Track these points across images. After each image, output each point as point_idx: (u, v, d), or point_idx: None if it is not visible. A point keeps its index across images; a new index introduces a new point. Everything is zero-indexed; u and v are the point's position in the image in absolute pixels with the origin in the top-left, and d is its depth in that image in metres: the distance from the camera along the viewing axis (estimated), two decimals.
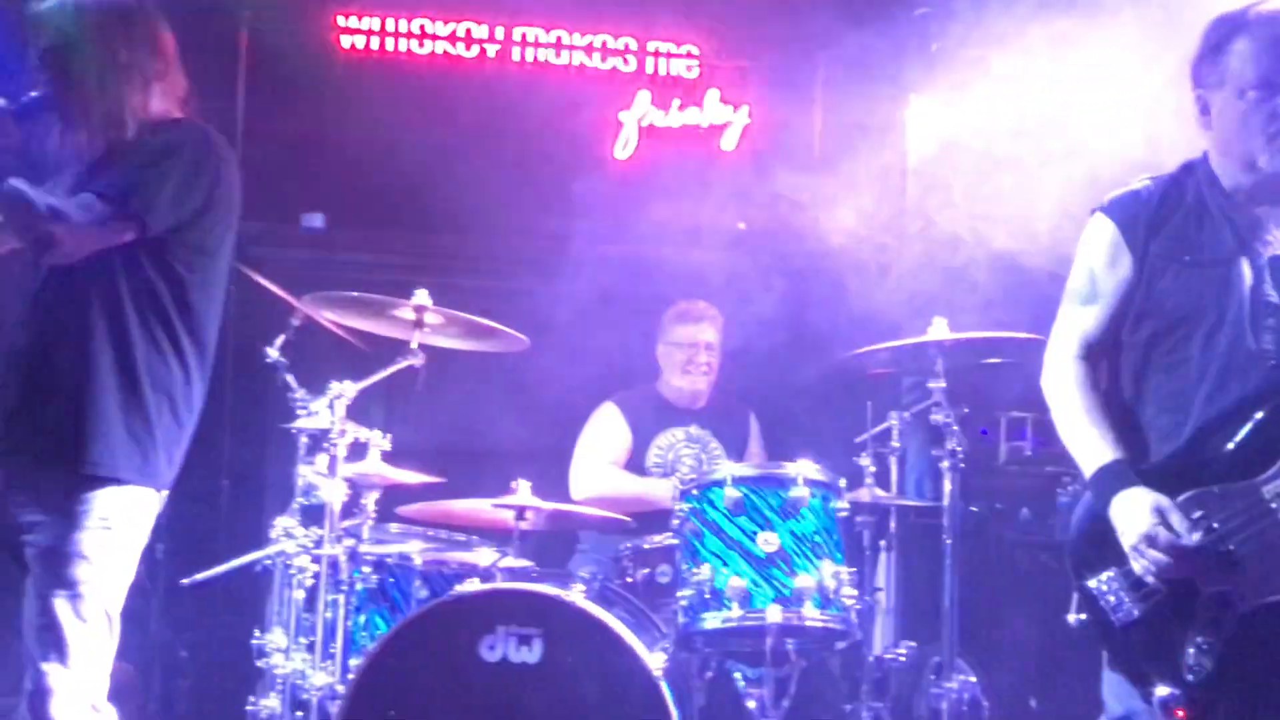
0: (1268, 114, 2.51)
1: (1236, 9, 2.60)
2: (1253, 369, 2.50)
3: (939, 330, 4.19)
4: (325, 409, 3.91)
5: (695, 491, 3.74)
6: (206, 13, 5.27)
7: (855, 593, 3.67)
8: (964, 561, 4.22)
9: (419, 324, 3.90)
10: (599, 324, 5.18)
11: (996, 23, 5.54)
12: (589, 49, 5.89)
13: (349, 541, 3.89)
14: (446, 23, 5.79)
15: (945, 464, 4.10)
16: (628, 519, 4.16)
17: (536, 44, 5.85)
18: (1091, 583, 2.53)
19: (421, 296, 3.90)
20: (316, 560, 3.86)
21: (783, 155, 5.83)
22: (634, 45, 5.93)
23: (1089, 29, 5.13)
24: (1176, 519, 2.42)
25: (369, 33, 5.74)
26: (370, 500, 4.06)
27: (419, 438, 4.52)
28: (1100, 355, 2.70)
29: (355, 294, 3.94)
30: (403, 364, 3.89)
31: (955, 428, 4.13)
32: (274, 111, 5.56)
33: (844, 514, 3.79)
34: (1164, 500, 2.45)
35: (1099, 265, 2.67)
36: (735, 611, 3.53)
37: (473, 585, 3.69)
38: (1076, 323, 2.69)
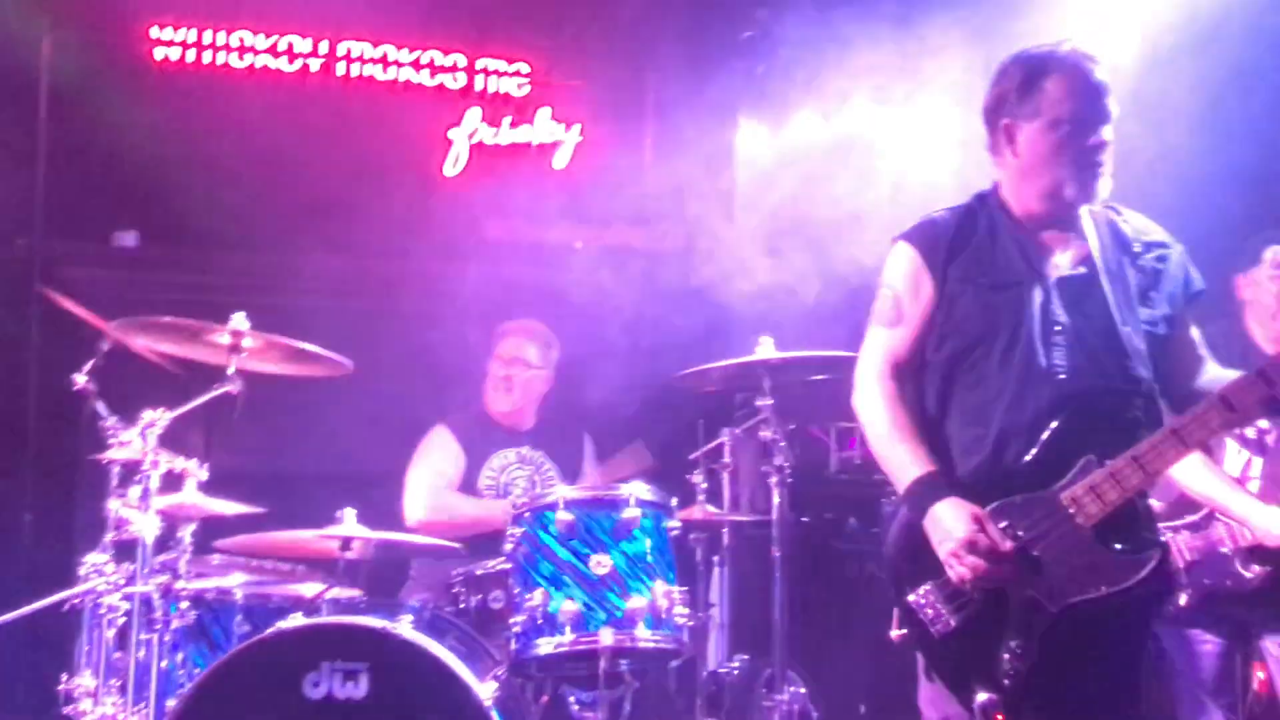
0: (1079, 148, 2.69)
1: (1042, 48, 2.77)
2: (1045, 384, 2.64)
3: (766, 349, 4.28)
4: (138, 438, 3.72)
5: (528, 516, 3.69)
6: (3, 21, 5.01)
7: (687, 611, 3.69)
8: (794, 573, 4.30)
9: (236, 349, 3.75)
10: (430, 344, 5.09)
11: (822, 48, 5.71)
12: (416, 65, 5.80)
13: (163, 577, 3.69)
14: (267, 35, 5.61)
15: (773, 479, 4.19)
16: (458, 545, 4.08)
17: (362, 59, 5.72)
18: (910, 597, 2.63)
19: (238, 320, 3.75)
20: (129, 598, 3.66)
21: (615, 174, 5.85)
22: (463, 62, 5.86)
23: (912, 59, 5.35)
24: (988, 526, 2.54)
25: (184, 44, 5.53)
26: (187, 533, 3.87)
27: (241, 466, 4.35)
28: (907, 374, 2.81)
29: (168, 318, 3.76)
30: (219, 391, 3.73)
31: (783, 443, 4.23)
32: (81, 125, 5.29)
33: (676, 533, 3.80)
34: (975, 508, 2.56)
35: (902, 289, 2.80)
36: (568, 636, 3.49)
37: (295, 620, 3.55)
38: (883, 344, 2.81)
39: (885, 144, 5.57)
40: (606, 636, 3.48)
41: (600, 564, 3.56)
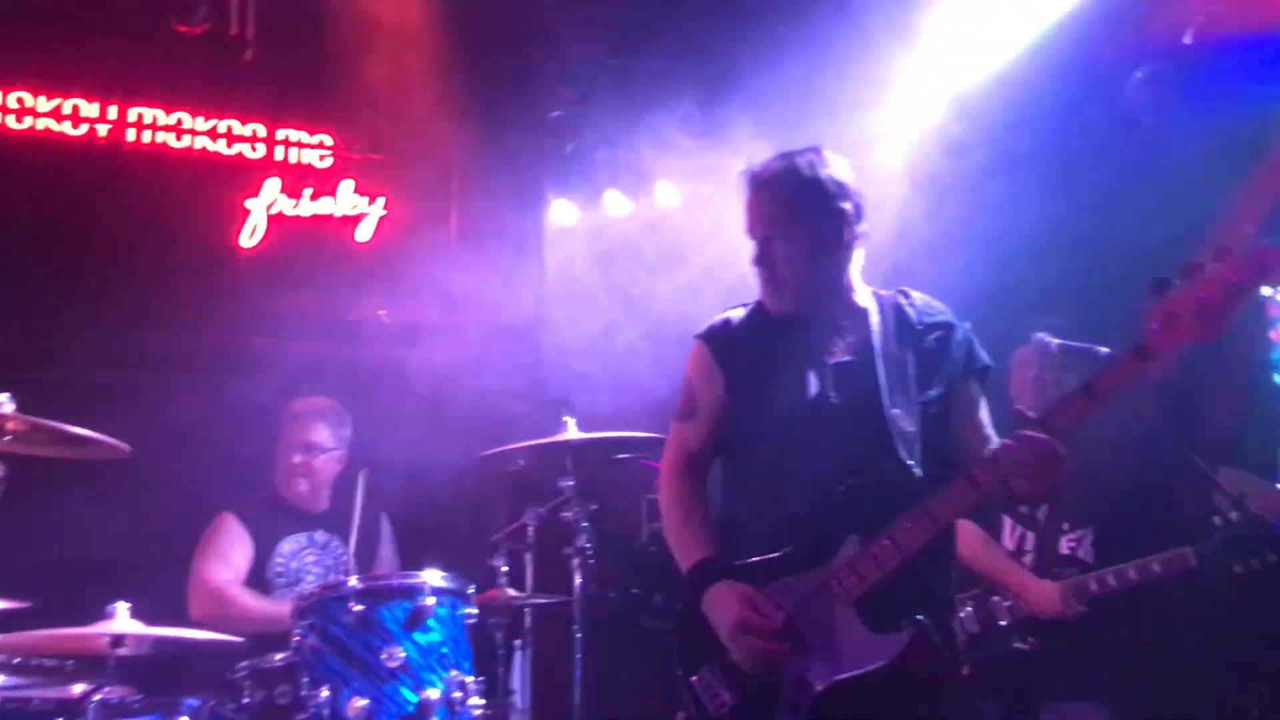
0: (755, 262, 2.87)
1: (756, 165, 2.93)
2: (817, 469, 2.74)
3: (570, 430, 4.27)
4: None
5: (316, 607, 3.54)
6: None
7: (483, 701, 3.59)
8: (598, 652, 4.26)
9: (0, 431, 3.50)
10: (220, 422, 4.87)
11: (627, 128, 5.82)
12: (213, 134, 5.61)
13: None
14: (50, 97, 5.33)
15: (575, 560, 4.17)
16: (239, 639, 3.87)
17: (155, 126, 5.49)
18: (693, 678, 2.70)
19: (3, 402, 3.50)
20: None
21: (420, 249, 5.78)
22: (263, 132, 5.70)
23: (713, 142, 5.50)
24: (760, 604, 2.63)
25: None
26: None
27: (7, 557, 4.04)
28: (703, 465, 2.93)
29: None
30: None
31: (584, 524, 4.22)
32: None
33: (473, 620, 3.71)
34: (751, 590, 2.66)
35: (697, 385, 2.93)
36: None
37: None
38: (680, 437, 2.94)
39: (693, 224, 5.68)
40: None
41: (392, 656, 3.43)
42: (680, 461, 2.90)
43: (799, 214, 2.82)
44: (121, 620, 3.54)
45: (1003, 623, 4.18)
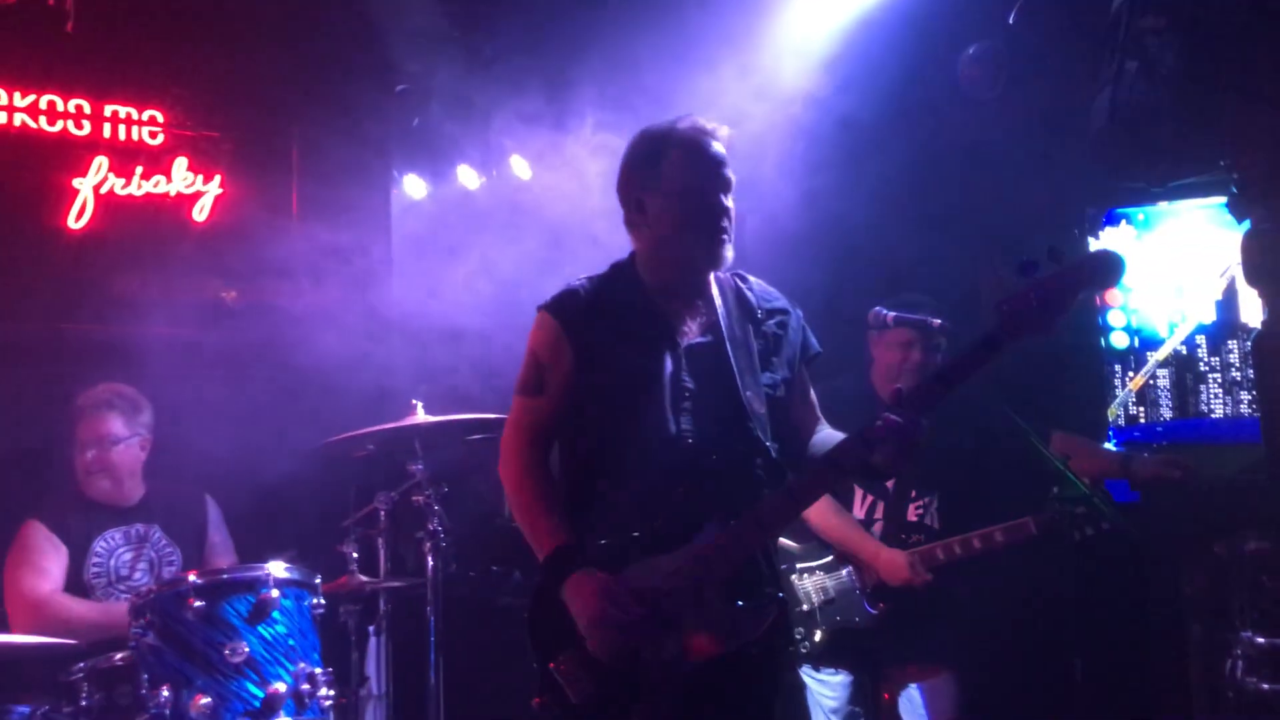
0: (702, 216, 2.81)
1: (663, 124, 2.90)
2: (674, 450, 2.75)
3: (418, 414, 4.24)
4: None
5: (154, 604, 3.43)
6: None
7: (333, 692, 3.54)
8: (456, 633, 4.24)
9: None
10: (36, 419, 4.64)
11: (476, 102, 5.73)
12: (34, 110, 5.31)
13: None
14: None
15: (427, 544, 4.15)
16: (70, 641, 3.71)
17: None
18: (551, 664, 2.66)
19: None
20: None
21: (260, 228, 5.60)
22: (88, 108, 5.42)
23: (559, 115, 5.47)
24: (619, 596, 2.61)
25: None
26: None
27: None
28: (550, 442, 2.87)
29: None
30: None
31: (436, 507, 4.19)
32: None
33: (320, 611, 3.65)
34: (609, 581, 2.63)
35: (544, 358, 2.85)
36: None
37: None
38: (527, 413, 2.85)
39: (542, 196, 5.64)
40: None
41: (235, 651, 3.36)
42: (526, 438, 2.82)
43: (670, 177, 2.80)
44: None
45: (854, 590, 4.29)
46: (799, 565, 4.41)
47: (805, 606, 4.35)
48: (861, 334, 4.43)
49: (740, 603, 2.65)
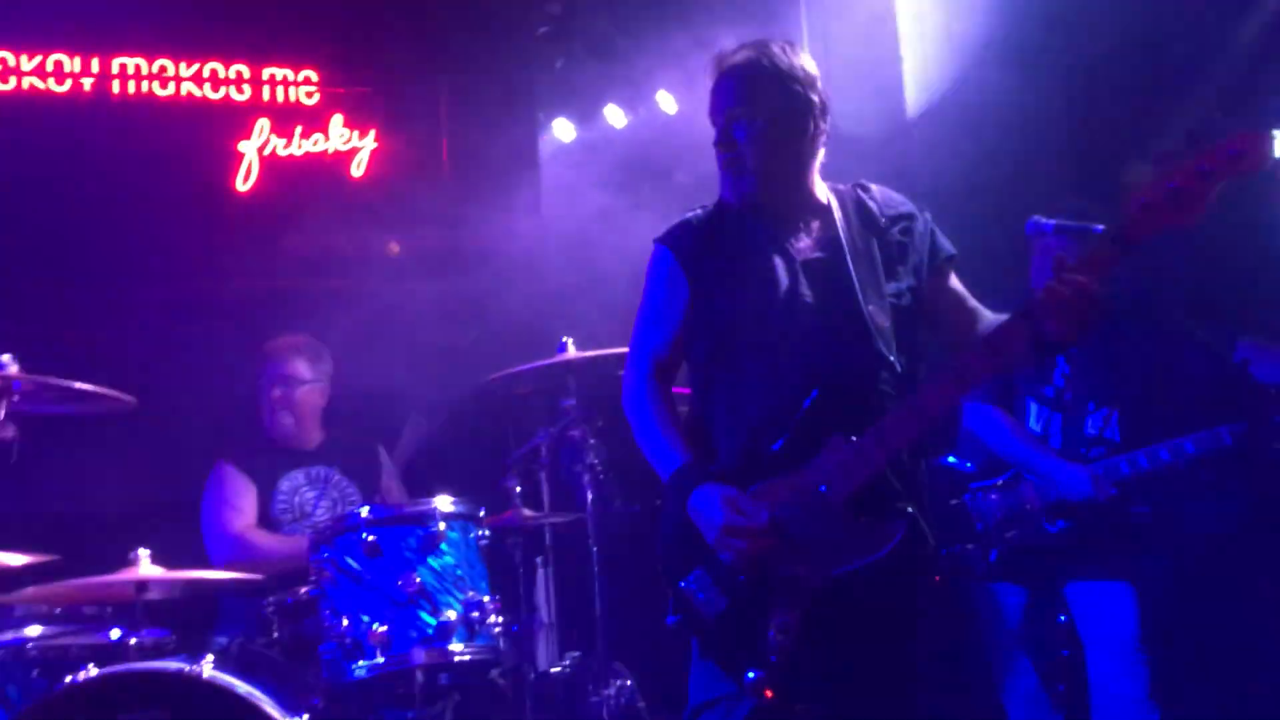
0: (718, 154, 2.79)
1: (722, 50, 2.85)
2: (793, 369, 2.71)
3: (569, 350, 4.30)
4: None
5: (330, 540, 3.61)
6: None
7: (501, 619, 3.67)
8: (617, 566, 4.32)
9: (5, 392, 3.56)
10: (223, 368, 4.92)
11: (619, 39, 5.73)
12: (198, 78, 5.57)
13: None
14: (31, 56, 5.30)
15: (586, 477, 4.23)
16: (258, 576, 3.96)
17: (138, 75, 5.46)
18: (681, 583, 2.69)
19: (7, 364, 3.55)
20: None
21: (414, 180, 5.76)
22: (247, 73, 5.66)
23: (706, 47, 5.41)
24: (744, 505, 2.60)
25: None
26: None
27: (30, 513, 4.13)
28: (670, 371, 2.87)
29: None
30: None
31: (592, 441, 4.27)
32: None
33: (485, 542, 3.77)
34: (731, 491, 2.62)
35: (660, 290, 2.85)
36: (379, 659, 3.44)
37: (89, 671, 3.39)
38: (646, 344, 2.86)
39: (695, 133, 5.60)
40: (418, 655, 3.44)
41: (408, 582, 3.51)
42: (647, 369, 2.83)
43: (765, 96, 2.74)
44: (144, 566, 3.62)
45: (1029, 507, 4.20)
46: (973, 484, 4.33)
47: (980, 525, 4.28)
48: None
49: (864, 519, 2.61)
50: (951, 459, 4.50)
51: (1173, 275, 5.16)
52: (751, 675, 2.58)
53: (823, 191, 2.87)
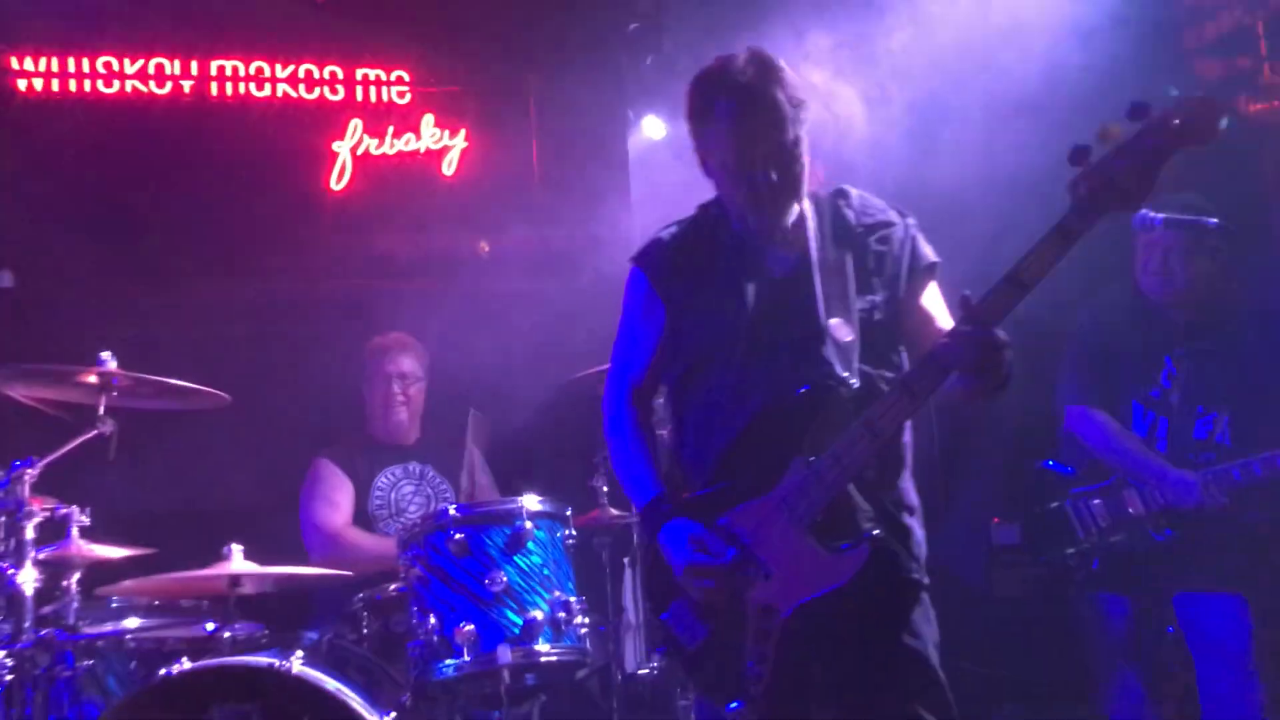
0: (741, 174, 2.62)
1: (714, 70, 2.68)
2: (757, 390, 2.63)
3: None
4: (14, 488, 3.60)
5: (419, 538, 3.62)
6: None
7: (587, 620, 3.64)
8: None
9: (106, 389, 3.64)
10: (320, 365, 4.98)
11: (709, 35, 5.66)
12: (293, 79, 5.65)
13: (47, 630, 3.57)
14: (134, 59, 5.43)
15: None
16: (349, 573, 3.99)
17: (235, 77, 5.56)
18: (664, 615, 2.67)
19: (107, 360, 3.64)
20: (14, 653, 3.53)
21: (505, 179, 5.78)
22: (340, 74, 5.72)
23: (801, 41, 5.34)
24: (710, 543, 2.55)
25: (48, 74, 5.33)
26: (73, 581, 3.74)
27: (129, 507, 4.23)
28: (648, 396, 2.84)
29: (32, 364, 3.64)
30: (90, 434, 3.62)
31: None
32: None
33: (572, 541, 3.75)
34: (698, 529, 2.58)
35: (636, 313, 2.81)
36: (466, 657, 3.43)
37: (183, 664, 3.45)
38: (623, 368, 2.84)
39: None
40: (504, 654, 3.43)
41: (495, 581, 3.50)
42: (624, 394, 2.81)
43: (792, 125, 2.61)
44: (237, 561, 3.67)
45: (1134, 513, 4.05)
46: (1074, 489, 4.19)
47: (1082, 532, 4.13)
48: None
49: (830, 544, 2.52)
50: (1052, 463, 4.37)
51: None
52: (733, 706, 2.55)
53: (800, 200, 2.75)
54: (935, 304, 2.76)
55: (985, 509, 5.38)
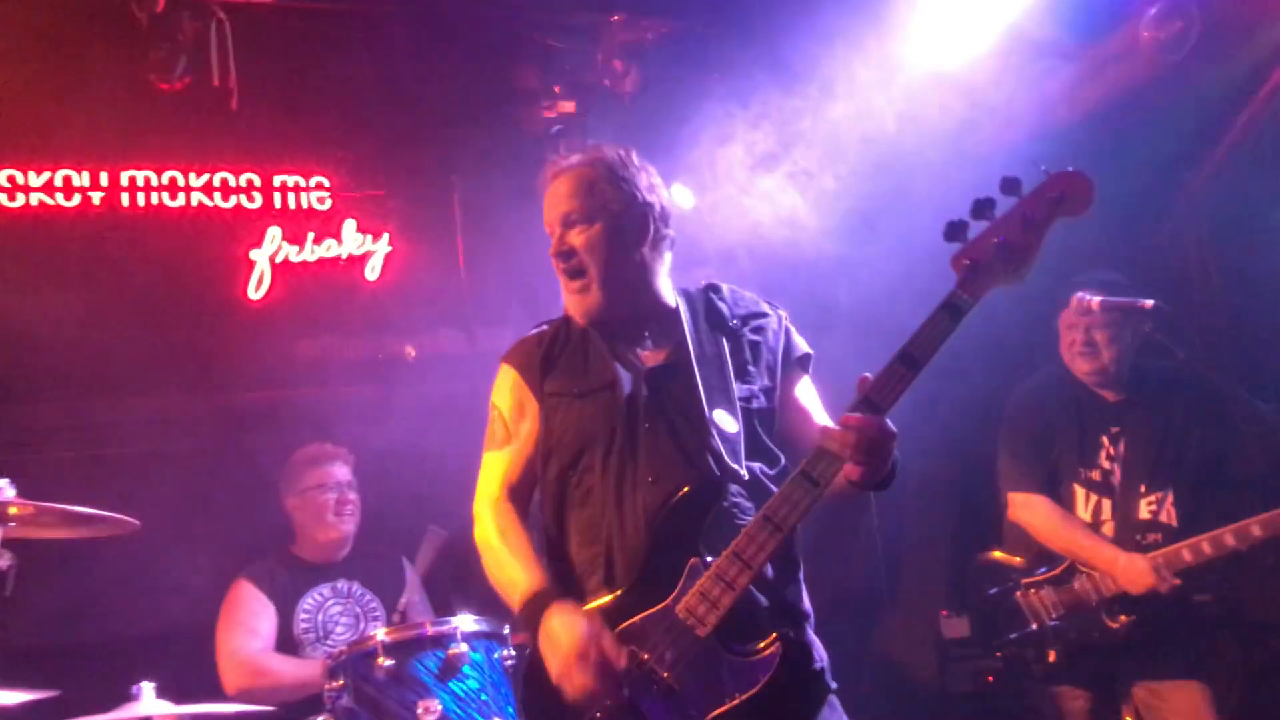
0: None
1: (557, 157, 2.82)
2: (640, 488, 2.52)
3: None
4: None
5: (346, 664, 3.41)
6: None
7: None
8: None
9: (3, 518, 3.40)
10: (235, 485, 4.77)
11: (630, 135, 5.64)
12: (208, 188, 5.50)
13: None
14: (40, 171, 5.24)
15: None
16: (271, 708, 3.74)
17: (148, 187, 5.39)
18: None
19: (3, 488, 3.40)
20: None
21: (430, 281, 5.66)
22: (258, 181, 5.58)
23: (722, 146, 5.35)
24: (609, 642, 2.38)
25: None
26: None
27: (33, 644, 3.95)
28: (523, 497, 2.72)
29: None
30: None
31: None
32: None
33: (512, 662, 3.55)
34: (596, 619, 2.41)
35: (507, 410, 2.74)
36: None
37: None
38: (495, 467, 2.73)
39: (712, 223, 5.53)
40: None
41: (428, 710, 3.29)
42: (497, 494, 2.70)
43: (601, 199, 2.64)
44: (148, 701, 3.42)
45: (1089, 602, 3.96)
46: (1024, 580, 4.10)
47: (1035, 625, 4.04)
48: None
49: (737, 649, 2.40)
50: (998, 554, 4.29)
51: (1221, 350, 4.97)
52: None
53: (670, 295, 2.74)
54: (809, 397, 2.72)
55: (932, 602, 5.28)
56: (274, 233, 5.59)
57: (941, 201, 4.39)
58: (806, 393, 2.72)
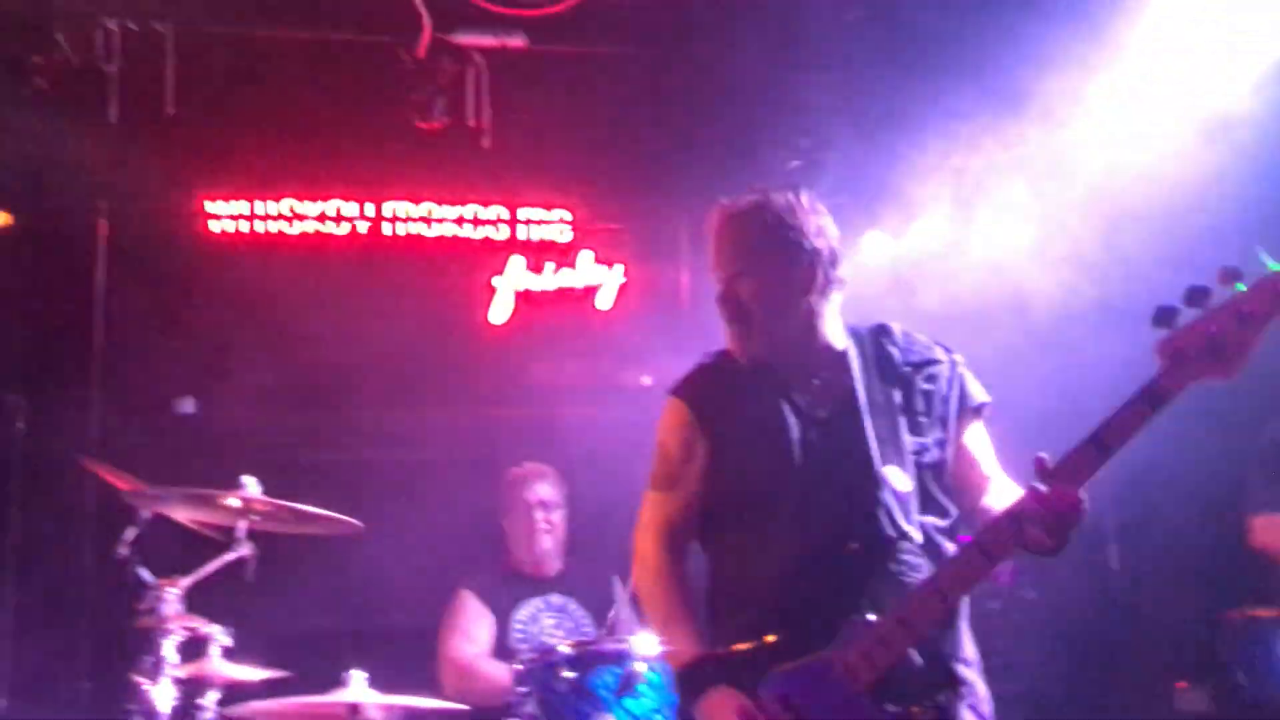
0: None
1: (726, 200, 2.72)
2: (807, 541, 2.46)
3: None
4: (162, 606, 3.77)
5: (531, 674, 3.59)
6: (62, 205, 5.33)
7: None
8: None
9: (245, 513, 3.80)
10: (472, 494, 5.10)
11: (871, 174, 5.65)
12: (459, 220, 5.93)
13: None
14: (315, 201, 5.82)
15: None
16: (465, 707, 3.98)
17: (407, 218, 5.88)
18: None
19: (249, 485, 3.80)
20: None
21: (658, 312, 5.87)
22: (505, 214, 5.97)
23: (965, 176, 5.28)
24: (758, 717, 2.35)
25: (237, 216, 5.75)
26: (210, 700, 3.87)
27: (262, 628, 4.35)
28: (686, 541, 2.67)
29: (181, 489, 3.84)
30: (230, 556, 3.78)
31: None
32: (138, 299, 5.51)
33: None
34: (746, 702, 2.36)
35: (677, 450, 2.65)
36: None
37: None
38: (659, 509, 2.67)
39: (963, 255, 5.48)
40: None
41: None
42: (661, 538, 2.64)
43: (768, 251, 2.57)
44: (357, 689, 3.71)
45: None
46: None
47: None
48: None
49: (893, 708, 2.32)
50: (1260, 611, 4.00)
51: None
52: None
53: (839, 338, 2.64)
54: (980, 446, 2.62)
55: (1167, 672, 4.94)
56: (516, 261, 5.94)
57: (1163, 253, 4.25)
58: (977, 441, 2.63)
